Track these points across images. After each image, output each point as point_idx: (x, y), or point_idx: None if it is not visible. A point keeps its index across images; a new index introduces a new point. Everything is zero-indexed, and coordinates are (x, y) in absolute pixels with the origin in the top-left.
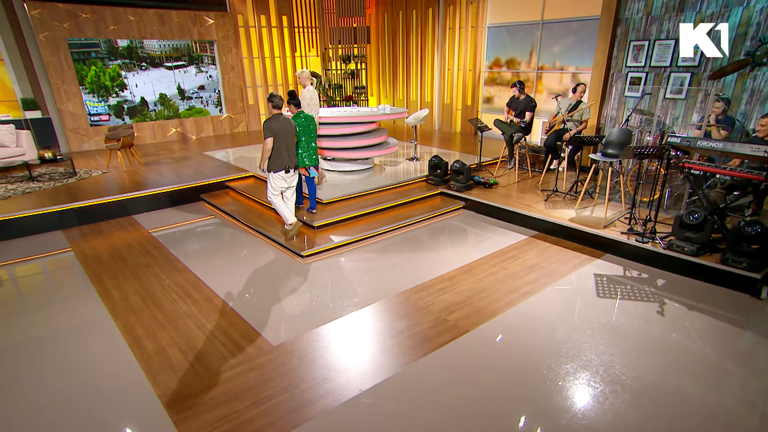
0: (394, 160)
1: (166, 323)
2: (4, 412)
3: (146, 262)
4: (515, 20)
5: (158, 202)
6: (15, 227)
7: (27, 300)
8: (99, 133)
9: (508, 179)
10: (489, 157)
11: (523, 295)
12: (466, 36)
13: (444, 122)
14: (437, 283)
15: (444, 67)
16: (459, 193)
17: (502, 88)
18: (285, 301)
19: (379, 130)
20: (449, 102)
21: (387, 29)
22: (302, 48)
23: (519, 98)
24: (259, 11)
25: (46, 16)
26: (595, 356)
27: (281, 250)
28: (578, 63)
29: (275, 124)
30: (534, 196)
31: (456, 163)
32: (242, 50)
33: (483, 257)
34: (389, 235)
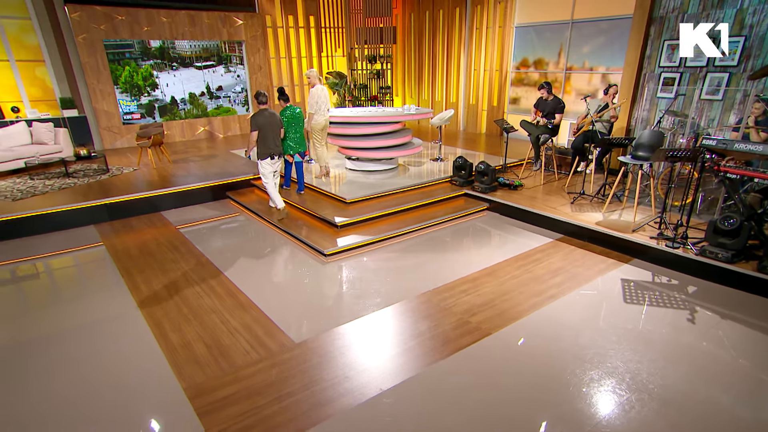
0: (418, 161)
1: (191, 317)
2: (35, 401)
3: (173, 257)
4: (544, 20)
5: (186, 199)
6: (51, 221)
7: (60, 291)
8: (131, 131)
9: (534, 181)
10: (514, 158)
11: (548, 298)
12: (493, 36)
13: (469, 123)
14: (460, 285)
15: (470, 68)
16: (483, 194)
17: (529, 89)
18: (307, 299)
19: (404, 130)
20: (475, 102)
21: (413, 29)
22: (328, 48)
23: (547, 99)
24: (287, 12)
25: (84, 18)
26: (621, 363)
27: (304, 248)
28: (608, 63)
29: (260, 118)
30: (560, 199)
31: (481, 164)
32: (270, 50)
33: (507, 259)
34: (412, 235)
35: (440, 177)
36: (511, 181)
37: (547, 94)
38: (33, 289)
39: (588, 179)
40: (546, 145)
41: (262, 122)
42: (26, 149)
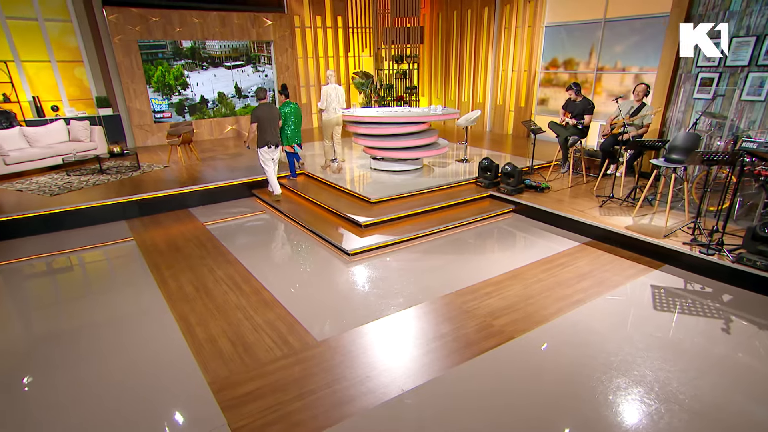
0: (443, 161)
1: (216, 313)
2: (63, 392)
3: (200, 253)
4: (575, 19)
5: (213, 197)
6: (85, 216)
7: (91, 285)
8: (161, 129)
9: (561, 183)
10: (542, 160)
11: (573, 303)
12: (522, 36)
13: (496, 124)
14: (483, 287)
15: (498, 68)
16: (509, 196)
17: (558, 90)
18: (330, 298)
19: (430, 130)
20: (502, 103)
21: (441, 29)
22: (355, 48)
23: (575, 100)
24: (315, 12)
25: (121, 20)
26: (649, 372)
27: (328, 247)
28: (642, 63)
29: (259, 111)
30: (588, 202)
31: (507, 166)
32: (297, 50)
33: (532, 263)
34: (436, 236)
35: (465, 178)
36: (538, 183)
37: (576, 95)
38: (66, 281)
39: (618, 182)
40: (574, 147)
41: (261, 115)
42: (64, 146)
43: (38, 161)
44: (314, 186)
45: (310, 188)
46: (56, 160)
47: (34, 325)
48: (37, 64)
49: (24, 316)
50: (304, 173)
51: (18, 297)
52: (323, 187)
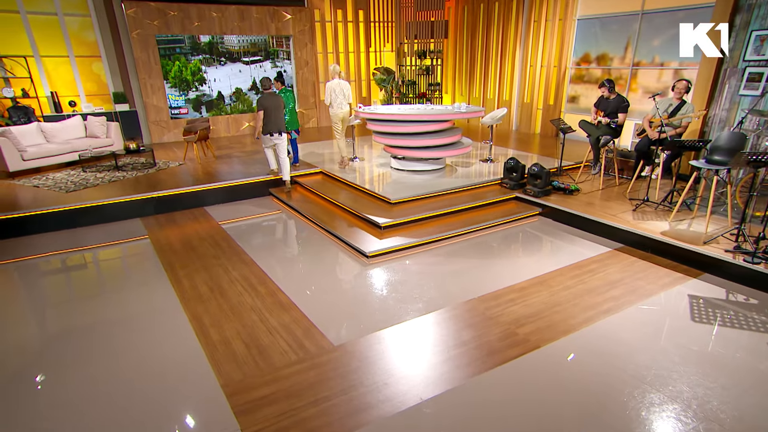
0: (466, 161)
1: (231, 314)
2: (74, 391)
3: (215, 253)
4: (610, 11)
5: (229, 195)
6: (101, 213)
7: (105, 283)
8: (178, 125)
9: (592, 186)
10: (571, 161)
11: (603, 312)
12: (553, 29)
13: (522, 122)
14: (507, 293)
15: (525, 64)
16: (536, 198)
17: (589, 87)
18: (348, 301)
19: (453, 129)
20: (529, 101)
21: (466, 23)
22: (377, 43)
23: (609, 98)
24: (336, 6)
25: (139, 14)
26: (686, 388)
27: (346, 248)
28: (682, 58)
29: (264, 100)
30: (620, 205)
31: (534, 167)
32: (317, 45)
33: (559, 269)
34: (458, 239)
35: (490, 179)
36: (567, 185)
37: (609, 93)
38: (80, 279)
39: (653, 185)
40: (607, 147)
41: (266, 104)
42: (80, 142)
43: (55, 157)
44: (332, 185)
45: (328, 187)
46: (73, 156)
47: (48, 323)
48: (56, 59)
49: (37, 313)
50: (322, 172)
51: (32, 294)
52: (342, 187)
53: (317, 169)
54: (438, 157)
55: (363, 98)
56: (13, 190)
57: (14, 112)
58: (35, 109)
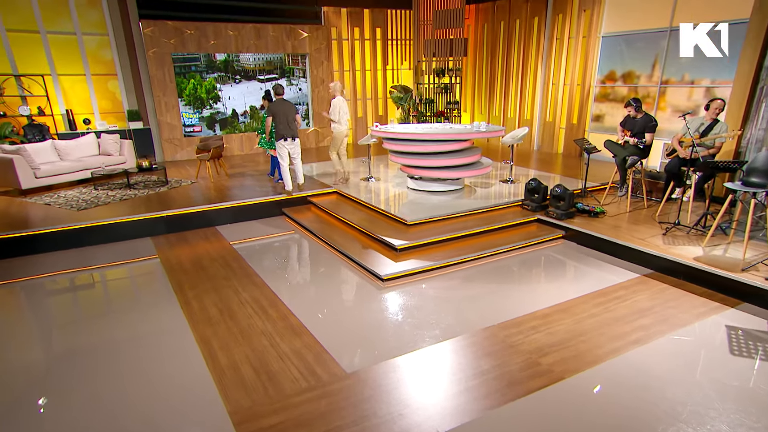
0: (486, 182)
1: (240, 338)
2: (78, 413)
3: (225, 274)
4: (636, 28)
5: (241, 214)
6: (111, 232)
7: (113, 303)
8: (191, 143)
9: (618, 208)
10: (596, 182)
11: (632, 342)
12: (576, 47)
13: (544, 142)
14: (529, 320)
15: (548, 82)
16: (559, 221)
17: (615, 105)
18: (361, 326)
19: (472, 148)
20: (551, 120)
21: (486, 41)
22: (394, 61)
23: (636, 117)
24: (353, 24)
25: (156, 33)
26: (726, 427)
27: (360, 271)
28: (714, 75)
29: (274, 106)
30: (649, 229)
31: (557, 188)
32: (333, 63)
33: (584, 295)
34: (477, 263)
35: (510, 200)
36: (592, 207)
37: (636, 112)
38: (87, 299)
39: (685, 208)
40: (634, 168)
41: (276, 110)
42: (93, 160)
43: (68, 175)
44: (346, 205)
45: (343, 207)
46: (85, 174)
47: (53, 343)
48: (72, 78)
49: (44, 333)
50: (336, 192)
51: (39, 314)
52: (356, 207)
53: (331, 188)
54: (456, 177)
55: (379, 117)
56: (25, 207)
57: (29, 130)
58: (50, 126)
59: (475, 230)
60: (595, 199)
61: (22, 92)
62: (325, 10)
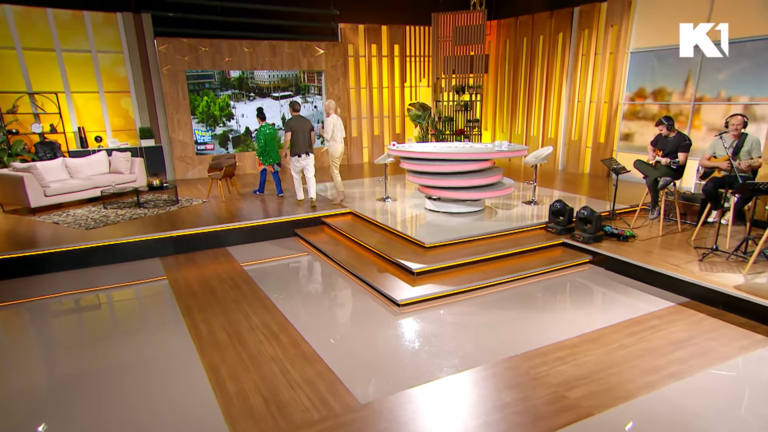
0: (508, 203)
1: (250, 365)
2: None
3: (235, 297)
4: (667, 44)
5: (252, 235)
6: (119, 252)
7: (119, 325)
8: (203, 161)
9: (650, 232)
10: (625, 204)
11: (667, 377)
12: (603, 63)
13: (569, 162)
14: (555, 351)
15: (573, 99)
16: (585, 245)
17: (644, 123)
18: (376, 354)
19: (493, 168)
20: (577, 139)
21: (508, 57)
22: (412, 78)
23: (668, 136)
24: (370, 40)
25: (171, 50)
26: None
27: (375, 295)
28: (753, 92)
29: (292, 122)
30: (684, 254)
31: (583, 210)
32: (350, 80)
33: (614, 324)
34: (498, 288)
35: (533, 223)
36: (621, 230)
37: (668, 131)
38: (93, 321)
39: (723, 232)
40: (666, 189)
41: (294, 125)
42: (103, 178)
43: (77, 193)
44: (362, 227)
45: (358, 229)
46: (95, 192)
47: (57, 367)
48: (86, 95)
49: (47, 356)
50: (352, 212)
51: (43, 335)
52: (372, 229)
53: (346, 209)
54: (476, 198)
55: (397, 135)
56: (33, 226)
57: (41, 148)
58: (61, 144)
59: (497, 254)
60: (625, 222)
61: (36, 110)
62: (342, 27)
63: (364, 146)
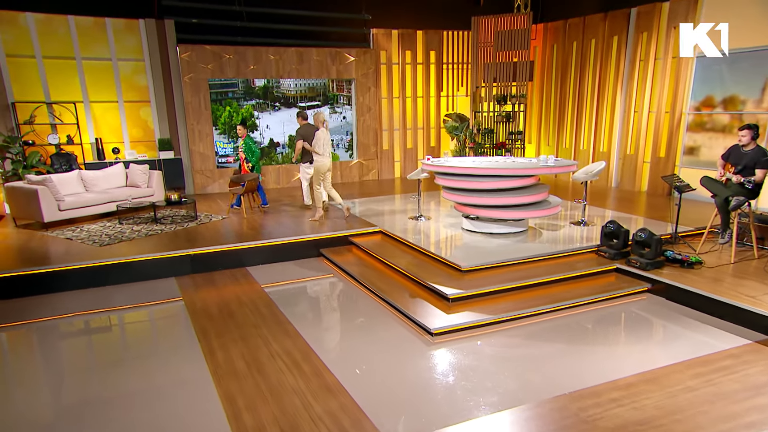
0: (554, 224)
1: (269, 396)
2: None
3: (255, 321)
4: (741, 46)
5: (275, 254)
6: (133, 271)
7: (130, 349)
8: (224, 175)
9: (719, 258)
10: (690, 226)
11: (745, 426)
12: (664, 69)
13: (624, 178)
14: (608, 391)
15: (629, 109)
16: (643, 271)
17: (713, 136)
18: (406, 387)
19: (538, 185)
20: (633, 153)
21: (556, 63)
22: (449, 87)
23: (745, 148)
24: (405, 47)
25: (194, 58)
26: None
27: (406, 322)
28: None
29: (302, 130)
30: (761, 285)
31: (640, 232)
32: (381, 89)
33: (677, 363)
34: (543, 318)
35: (583, 246)
36: (686, 256)
37: (749, 141)
38: (103, 343)
39: None
40: (740, 210)
41: (304, 133)
42: (120, 191)
43: (92, 207)
44: (392, 247)
45: (388, 250)
46: (110, 207)
47: (64, 392)
48: (104, 105)
49: (54, 381)
50: (382, 231)
51: (51, 358)
52: (403, 249)
53: (376, 228)
54: (519, 218)
55: (431, 149)
56: (45, 242)
57: (57, 159)
58: (78, 156)
59: (541, 279)
60: (690, 246)
61: (53, 120)
62: (374, 33)
63: (395, 160)
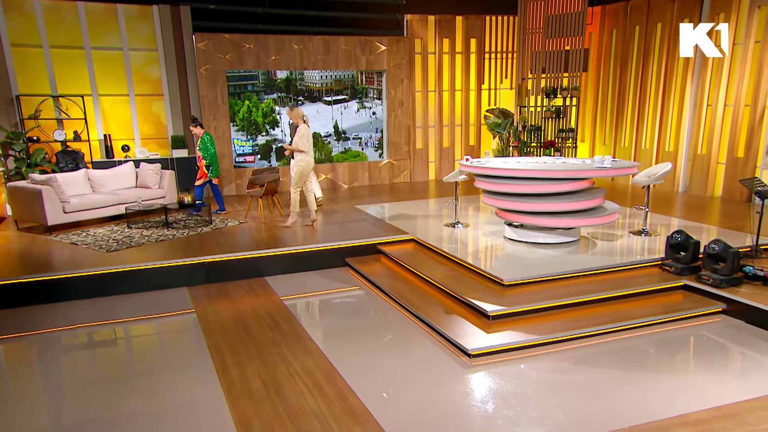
0: (610, 233)
1: (287, 421)
2: None
3: (274, 337)
4: None
5: (295, 264)
6: (142, 279)
7: (136, 365)
8: (241, 176)
9: None
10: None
11: None
12: (744, 55)
13: (694, 182)
14: (677, 426)
15: (700, 103)
16: (717, 289)
17: None
18: (440, 415)
19: (592, 190)
20: (705, 153)
21: (615, 51)
22: (491, 79)
23: None
24: (442, 34)
25: (211, 48)
26: None
27: (440, 341)
28: None
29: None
30: None
31: (714, 244)
32: (415, 82)
33: (759, 397)
34: (597, 340)
35: (644, 259)
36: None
37: None
38: (107, 358)
39: None
40: None
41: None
42: (129, 193)
43: (99, 209)
44: (426, 257)
45: (421, 260)
46: (119, 209)
47: (64, 410)
48: (114, 99)
49: (53, 398)
50: (414, 239)
51: (51, 374)
52: (438, 260)
53: (408, 235)
54: (570, 226)
55: (471, 148)
56: (48, 247)
57: (62, 157)
58: (85, 153)
59: (595, 296)
60: None
61: (59, 115)
62: (408, 19)
63: (430, 161)
